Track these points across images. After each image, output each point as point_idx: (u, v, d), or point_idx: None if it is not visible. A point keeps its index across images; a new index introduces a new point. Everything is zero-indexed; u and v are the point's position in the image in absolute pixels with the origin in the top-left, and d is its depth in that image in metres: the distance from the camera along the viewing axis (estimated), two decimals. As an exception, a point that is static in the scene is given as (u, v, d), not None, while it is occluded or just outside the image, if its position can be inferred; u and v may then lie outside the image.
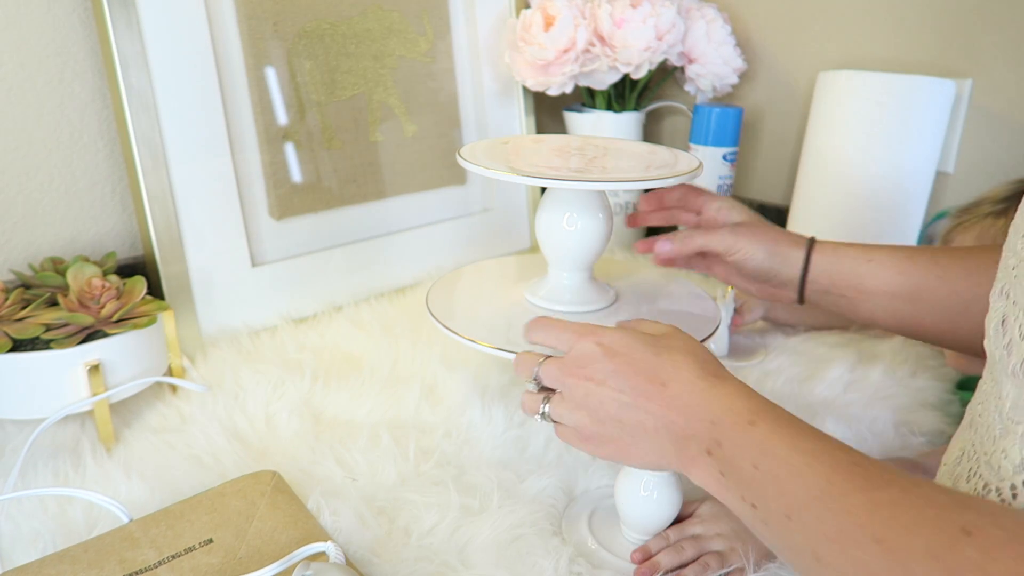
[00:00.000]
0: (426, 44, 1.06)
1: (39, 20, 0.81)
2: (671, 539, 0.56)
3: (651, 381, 0.47)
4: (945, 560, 0.31)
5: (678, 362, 0.47)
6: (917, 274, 0.59)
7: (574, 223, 0.66)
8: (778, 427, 0.42)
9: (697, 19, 1.11)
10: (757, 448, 0.42)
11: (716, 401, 0.45)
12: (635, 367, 0.48)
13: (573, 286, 0.70)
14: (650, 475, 0.55)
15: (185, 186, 0.85)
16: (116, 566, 0.53)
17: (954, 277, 0.57)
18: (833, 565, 0.35)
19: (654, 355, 0.48)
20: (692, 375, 0.46)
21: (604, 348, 0.49)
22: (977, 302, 0.55)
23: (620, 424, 0.48)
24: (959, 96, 0.97)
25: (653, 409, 0.47)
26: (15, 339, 0.67)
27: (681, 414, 0.46)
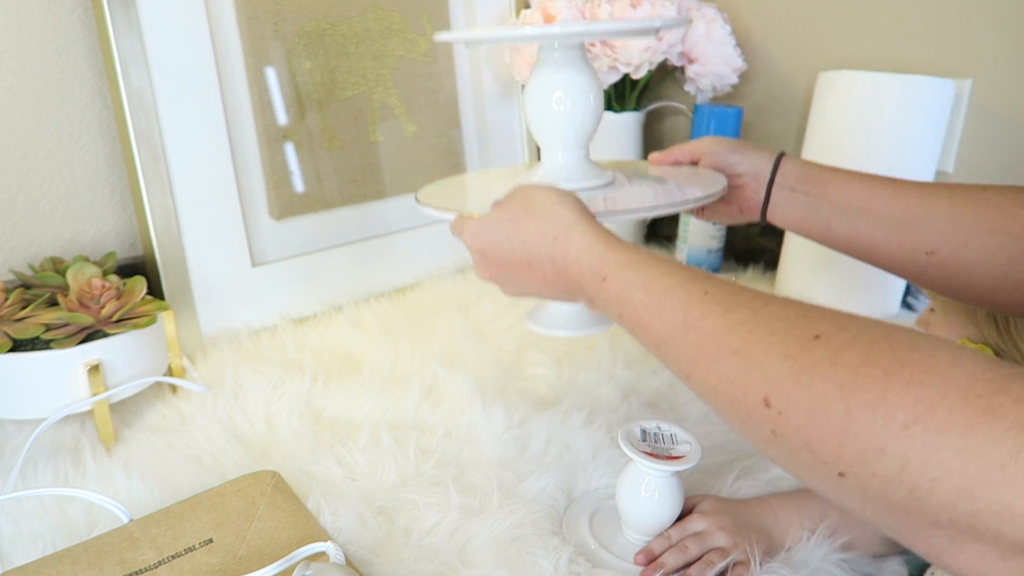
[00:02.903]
0: (426, 44, 1.06)
1: (39, 20, 0.81)
2: (673, 539, 0.56)
3: (520, 268, 0.53)
4: (799, 359, 0.34)
5: (531, 239, 0.51)
6: (875, 185, 0.61)
7: (563, 102, 0.63)
8: (627, 276, 0.45)
9: (697, 19, 1.11)
10: (615, 301, 0.46)
11: (571, 265, 0.49)
12: (503, 261, 0.54)
13: (568, 165, 0.66)
14: (651, 476, 0.55)
15: (185, 186, 0.85)
16: (116, 566, 0.53)
17: (908, 190, 0.59)
18: (702, 380, 0.40)
19: (509, 245, 0.53)
20: (545, 247, 0.50)
21: (477, 252, 0.56)
22: (925, 217, 0.57)
23: (525, 288, 0.55)
24: (959, 96, 0.97)
25: (536, 284, 0.53)
26: (15, 339, 0.67)
27: (556, 283, 0.51)
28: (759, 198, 0.66)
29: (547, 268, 0.51)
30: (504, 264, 0.54)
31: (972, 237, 0.55)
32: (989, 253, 0.55)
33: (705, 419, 0.75)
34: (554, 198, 0.52)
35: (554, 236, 0.50)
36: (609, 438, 0.70)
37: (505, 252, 0.53)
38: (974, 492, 0.28)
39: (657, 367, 0.84)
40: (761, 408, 0.35)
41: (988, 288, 0.56)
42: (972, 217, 0.56)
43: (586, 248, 0.48)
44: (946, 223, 0.57)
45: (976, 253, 0.55)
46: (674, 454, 0.55)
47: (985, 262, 0.55)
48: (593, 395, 0.79)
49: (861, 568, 0.58)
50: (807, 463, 0.34)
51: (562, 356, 0.87)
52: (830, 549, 0.57)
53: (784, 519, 0.58)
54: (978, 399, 0.29)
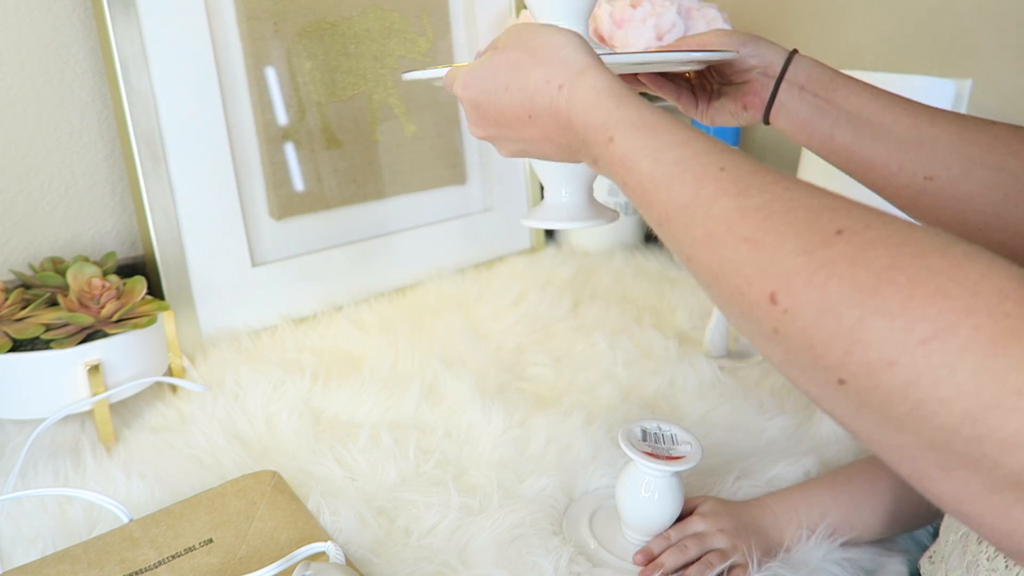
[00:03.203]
0: (426, 44, 1.06)
1: (39, 20, 0.81)
2: (672, 539, 0.56)
3: (519, 121, 0.47)
4: (816, 255, 0.31)
5: (533, 87, 0.46)
6: (886, 100, 0.59)
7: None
8: (636, 140, 0.41)
9: (697, 19, 1.11)
10: (619, 165, 0.41)
11: (576, 118, 0.44)
12: (499, 114, 0.48)
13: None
14: (651, 476, 0.55)
15: (185, 186, 0.85)
16: (116, 566, 0.53)
17: (919, 111, 0.57)
18: (704, 265, 0.36)
19: (507, 95, 0.47)
20: (549, 96, 0.45)
21: (470, 104, 0.50)
22: (932, 142, 0.56)
23: (524, 146, 0.50)
24: (959, 96, 0.97)
25: (537, 140, 0.48)
26: (15, 339, 0.67)
27: (559, 138, 0.46)
28: (766, 94, 0.63)
29: (549, 122, 0.46)
30: (500, 117, 0.48)
31: (974, 169, 0.54)
32: (987, 188, 0.54)
33: (705, 419, 0.75)
34: (560, 40, 0.46)
35: (559, 84, 0.44)
36: (609, 438, 0.70)
37: (502, 103, 0.47)
38: (982, 416, 0.27)
39: (657, 367, 0.84)
40: (765, 303, 0.33)
41: (975, 225, 0.55)
42: (978, 149, 0.54)
43: (594, 101, 0.43)
44: (951, 150, 0.55)
45: (975, 186, 0.54)
46: (674, 454, 0.55)
47: (981, 197, 0.54)
48: (593, 395, 0.79)
49: (861, 567, 0.58)
50: (805, 365, 0.32)
51: (562, 356, 0.87)
52: (830, 548, 0.57)
53: (783, 519, 0.58)
54: (1006, 318, 0.27)
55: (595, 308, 0.99)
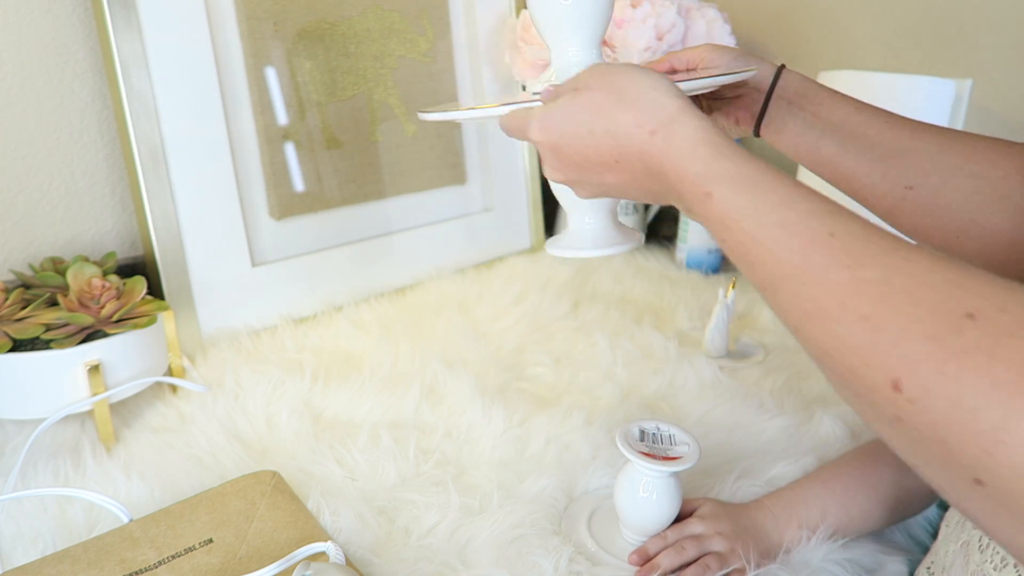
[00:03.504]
0: (426, 44, 1.06)
1: (39, 20, 0.81)
2: (670, 539, 0.56)
3: (605, 166, 0.45)
4: (946, 342, 0.29)
5: (622, 131, 0.43)
6: (869, 112, 0.59)
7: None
8: (737, 197, 0.38)
9: (697, 19, 1.11)
10: (718, 223, 0.39)
11: (670, 167, 0.41)
12: (583, 158, 0.46)
13: (580, 62, 0.56)
14: (649, 476, 0.55)
15: (185, 186, 0.85)
16: (116, 566, 0.53)
17: (900, 123, 0.59)
18: (813, 339, 0.34)
19: (592, 139, 0.45)
20: (639, 141, 0.42)
21: (549, 148, 0.47)
22: (913, 153, 0.57)
23: (607, 190, 0.47)
24: (959, 96, 0.97)
25: (622, 184, 0.45)
26: (15, 339, 0.67)
27: (648, 184, 0.44)
28: (756, 108, 0.63)
29: (637, 167, 0.43)
30: (584, 161, 0.45)
31: (953, 178, 0.55)
32: (965, 197, 0.55)
33: (705, 419, 0.75)
34: (648, 82, 0.43)
35: (651, 129, 0.42)
36: (609, 438, 0.70)
37: (587, 147, 0.45)
38: None
39: (657, 367, 0.84)
40: (887, 390, 0.30)
41: (954, 232, 0.56)
42: (957, 159, 0.56)
43: (691, 150, 0.40)
44: (931, 161, 0.56)
45: (953, 195, 0.55)
46: (672, 455, 0.55)
47: (959, 206, 0.55)
48: (593, 395, 0.79)
49: (861, 567, 0.58)
50: (934, 458, 0.30)
51: (562, 356, 0.87)
52: (831, 548, 0.57)
53: (783, 520, 0.58)
54: None
55: (595, 308, 0.99)
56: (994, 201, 0.54)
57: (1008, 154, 0.55)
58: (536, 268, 1.11)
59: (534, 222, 1.20)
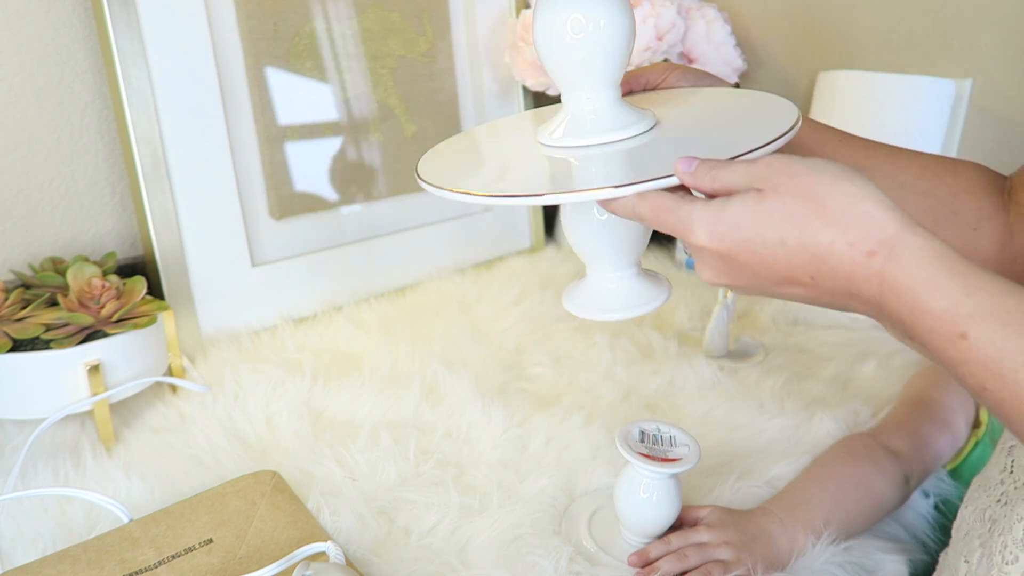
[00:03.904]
0: (426, 44, 1.06)
1: (39, 20, 0.81)
2: (673, 545, 0.56)
3: (792, 281, 0.38)
4: None
5: (825, 249, 0.36)
6: (824, 132, 0.58)
7: (583, 27, 0.47)
8: (1006, 340, 0.32)
9: (697, 19, 1.11)
10: (979, 368, 0.33)
11: (895, 298, 0.35)
12: (765, 269, 0.39)
13: (598, 111, 0.51)
14: (648, 478, 0.55)
15: (185, 186, 0.85)
16: (116, 566, 0.53)
17: (854, 143, 0.57)
18: None
19: (783, 251, 0.37)
20: (849, 262, 0.36)
21: (718, 256, 0.40)
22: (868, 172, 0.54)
23: (782, 297, 0.41)
24: (959, 96, 0.97)
25: (809, 298, 0.39)
26: (15, 339, 0.67)
27: (838, 302, 0.38)
28: None
29: (841, 287, 0.37)
30: (765, 273, 0.39)
31: (907, 196, 0.56)
32: (920, 213, 0.55)
33: (705, 420, 0.75)
34: (855, 190, 0.36)
35: (868, 251, 0.35)
36: (609, 438, 0.70)
37: (774, 260, 0.38)
38: None
39: (657, 367, 0.84)
40: None
41: None
42: (909, 176, 0.56)
43: (927, 280, 0.34)
44: (885, 179, 0.56)
45: (909, 211, 0.53)
46: (671, 456, 0.55)
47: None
48: (593, 395, 0.79)
49: (861, 567, 0.58)
50: None
51: (562, 356, 0.87)
52: (833, 552, 0.57)
53: (790, 525, 0.58)
54: None
55: (595, 308, 0.99)
56: (946, 217, 0.55)
57: (955, 171, 0.56)
58: (536, 268, 1.11)
59: (534, 222, 1.20)
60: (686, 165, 0.40)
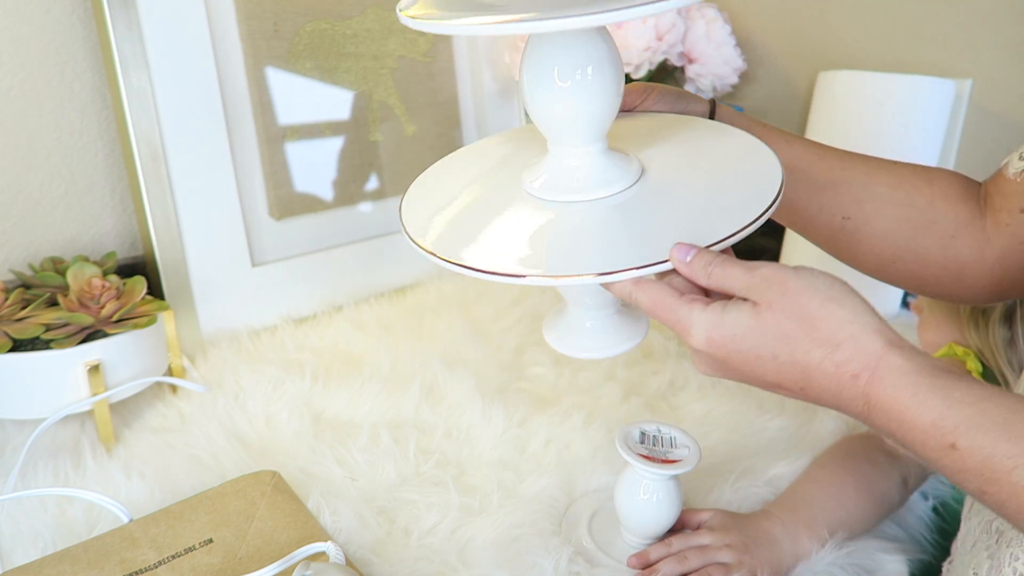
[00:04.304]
0: (426, 44, 1.06)
1: (39, 20, 0.81)
2: (674, 548, 0.55)
3: (783, 387, 0.41)
4: None
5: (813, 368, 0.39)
6: (800, 145, 0.59)
7: (569, 76, 0.45)
8: (993, 446, 0.34)
9: (697, 19, 1.11)
10: (974, 474, 0.35)
11: (883, 415, 0.37)
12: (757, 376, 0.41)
13: (584, 165, 0.49)
14: (648, 479, 0.54)
15: (185, 186, 0.85)
16: (116, 566, 0.53)
17: (831, 155, 0.59)
18: None
19: (775, 364, 0.40)
20: (836, 382, 0.38)
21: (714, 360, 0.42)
22: (845, 183, 0.58)
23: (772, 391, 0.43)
24: (959, 96, 0.97)
25: (799, 398, 0.41)
26: (15, 339, 0.67)
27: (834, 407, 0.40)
28: None
29: (828, 399, 0.39)
30: (757, 380, 0.42)
31: (884, 206, 0.57)
32: (897, 223, 0.57)
33: (705, 419, 0.75)
34: (845, 314, 0.39)
35: (853, 374, 0.38)
36: (609, 438, 0.70)
37: (766, 371, 0.40)
38: None
39: (657, 367, 0.84)
40: None
41: (890, 258, 0.58)
42: (886, 187, 0.57)
43: (910, 399, 0.36)
44: (862, 190, 0.58)
45: (886, 222, 0.57)
46: (671, 457, 0.55)
47: (893, 232, 0.57)
48: (593, 395, 0.79)
49: (861, 567, 0.58)
50: None
51: (562, 356, 0.87)
52: (835, 556, 0.57)
53: (792, 527, 0.58)
54: None
55: (595, 308, 0.98)
56: (924, 226, 0.57)
57: (930, 180, 0.58)
58: (536, 268, 1.11)
59: (534, 222, 1.20)
60: (682, 254, 0.41)
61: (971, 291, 0.58)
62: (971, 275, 0.56)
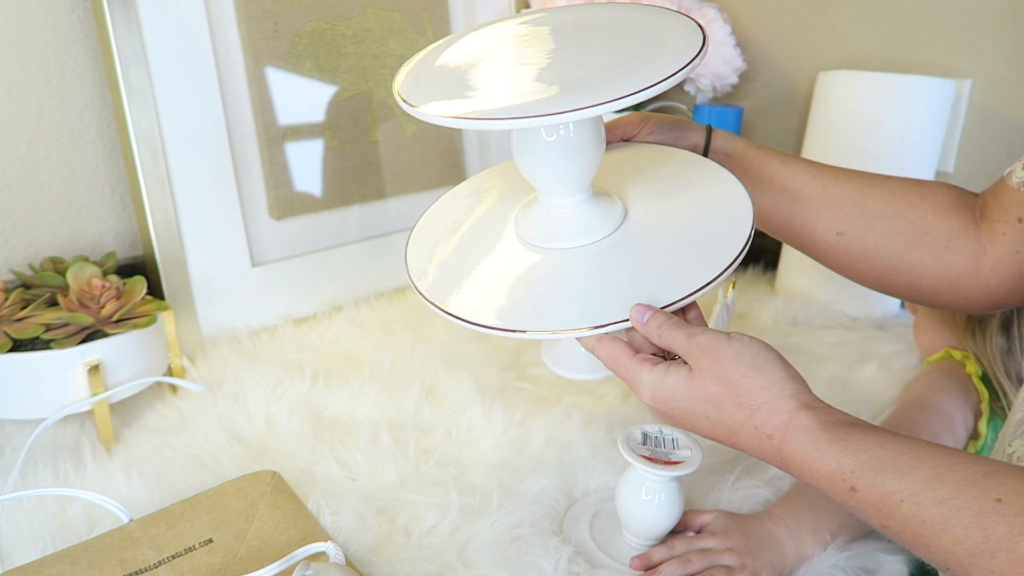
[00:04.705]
0: (426, 44, 1.06)
1: (39, 20, 0.81)
2: (677, 549, 0.55)
3: (716, 437, 0.46)
4: None
5: (737, 428, 0.44)
6: (795, 165, 0.62)
7: (554, 130, 0.51)
8: (884, 485, 0.38)
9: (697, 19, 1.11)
10: (872, 511, 0.39)
11: (796, 468, 0.42)
12: (693, 428, 0.47)
13: (568, 214, 0.55)
14: (650, 481, 0.54)
15: (185, 186, 0.85)
16: (116, 566, 0.53)
17: (824, 173, 0.62)
18: None
19: (707, 423, 0.46)
20: (756, 442, 0.44)
21: (658, 412, 0.48)
22: (838, 200, 0.61)
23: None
24: (959, 96, 0.97)
25: (733, 446, 0.46)
26: (15, 339, 0.67)
27: (765, 459, 0.44)
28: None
29: (753, 451, 0.45)
30: (697, 430, 0.47)
31: (877, 221, 0.59)
32: (890, 237, 0.59)
33: (705, 419, 0.75)
34: (763, 381, 0.44)
35: (768, 434, 0.43)
36: (609, 438, 0.70)
37: (700, 426, 0.46)
38: None
39: (657, 367, 0.84)
40: None
41: (885, 271, 0.60)
42: (878, 202, 0.60)
43: (816, 452, 0.41)
44: (855, 205, 0.60)
45: (879, 236, 0.59)
46: (674, 459, 0.55)
47: (886, 246, 0.59)
48: (593, 395, 0.79)
49: (861, 567, 0.58)
50: None
51: (562, 356, 0.87)
52: (837, 560, 0.57)
53: (795, 528, 0.58)
54: None
55: (595, 308, 0.98)
56: (917, 238, 0.59)
57: (921, 193, 0.60)
58: (536, 268, 1.11)
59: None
60: (640, 315, 0.48)
61: (967, 300, 0.59)
62: (966, 285, 0.58)
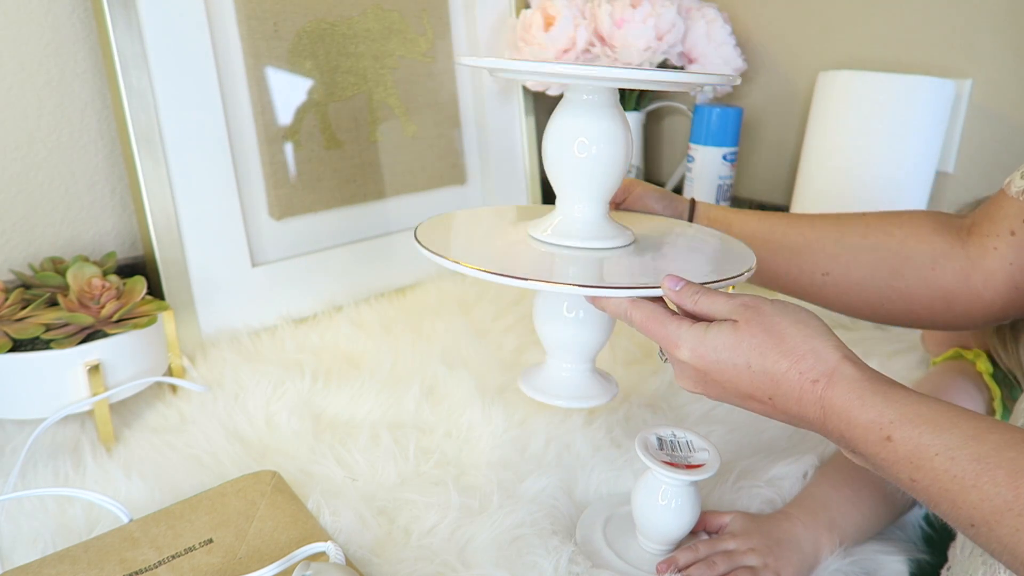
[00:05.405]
0: (426, 44, 1.06)
1: (39, 20, 0.81)
2: (701, 552, 0.56)
3: (755, 399, 0.46)
4: None
5: (781, 377, 0.44)
6: (771, 220, 0.67)
7: (587, 148, 0.55)
8: (921, 437, 0.38)
9: (697, 19, 1.11)
10: (905, 464, 0.39)
11: (834, 416, 0.42)
12: (734, 388, 0.46)
13: (587, 220, 0.59)
14: (669, 485, 0.54)
15: (185, 186, 0.85)
16: (116, 566, 0.53)
17: (800, 222, 0.66)
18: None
19: (749, 374, 0.45)
20: (799, 388, 0.43)
21: (696, 372, 0.47)
22: (818, 242, 0.64)
23: (746, 408, 0.48)
24: (959, 96, 0.97)
25: (769, 413, 0.46)
26: (15, 339, 0.67)
27: (799, 421, 0.44)
28: None
29: (793, 407, 0.44)
30: (733, 389, 0.46)
31: (858, 255, 0.62)
32: (874, 268, 0.62)
33: (706, 419, 0.75)
34: (808, 331, 0.45)
35: (813, 379, 0.43)
36: (609, 438, 0.70)
37: (740, 380, 0.45)
38: None
39: (657, 367, 0.84)
40: None
41: (878, 302, 0.63)
42: (856, 237, 0.63)
43: (856, 399, 0.41)
44: (835, 245, 0.63)
45: (863, 269, 0.62)
46: (692, 462, 0.55)
47: (872, 277, 0.62)
48: (593, 395, 0.79)
49: (861, 567, 0.58)
50: None
51: (562, 356, 0.87)
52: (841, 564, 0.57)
53: (812, 527, 0.58)
54: None
55: (595, 308, 0.98)
56: (900, 264, 0.61)
57: (897, 222, 0.62)
58: (536, 268, 1.11)
59: (534, 222, 1.20)
60: (673, 284, 0.49)
61: (966, 317, 0.60)
62: (961, 302, 0.60)
